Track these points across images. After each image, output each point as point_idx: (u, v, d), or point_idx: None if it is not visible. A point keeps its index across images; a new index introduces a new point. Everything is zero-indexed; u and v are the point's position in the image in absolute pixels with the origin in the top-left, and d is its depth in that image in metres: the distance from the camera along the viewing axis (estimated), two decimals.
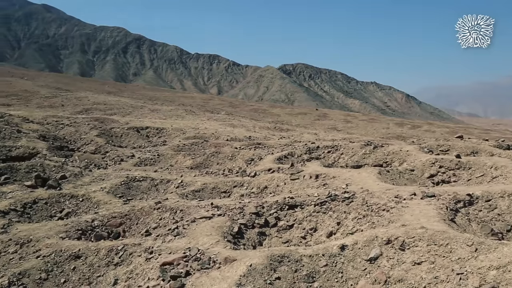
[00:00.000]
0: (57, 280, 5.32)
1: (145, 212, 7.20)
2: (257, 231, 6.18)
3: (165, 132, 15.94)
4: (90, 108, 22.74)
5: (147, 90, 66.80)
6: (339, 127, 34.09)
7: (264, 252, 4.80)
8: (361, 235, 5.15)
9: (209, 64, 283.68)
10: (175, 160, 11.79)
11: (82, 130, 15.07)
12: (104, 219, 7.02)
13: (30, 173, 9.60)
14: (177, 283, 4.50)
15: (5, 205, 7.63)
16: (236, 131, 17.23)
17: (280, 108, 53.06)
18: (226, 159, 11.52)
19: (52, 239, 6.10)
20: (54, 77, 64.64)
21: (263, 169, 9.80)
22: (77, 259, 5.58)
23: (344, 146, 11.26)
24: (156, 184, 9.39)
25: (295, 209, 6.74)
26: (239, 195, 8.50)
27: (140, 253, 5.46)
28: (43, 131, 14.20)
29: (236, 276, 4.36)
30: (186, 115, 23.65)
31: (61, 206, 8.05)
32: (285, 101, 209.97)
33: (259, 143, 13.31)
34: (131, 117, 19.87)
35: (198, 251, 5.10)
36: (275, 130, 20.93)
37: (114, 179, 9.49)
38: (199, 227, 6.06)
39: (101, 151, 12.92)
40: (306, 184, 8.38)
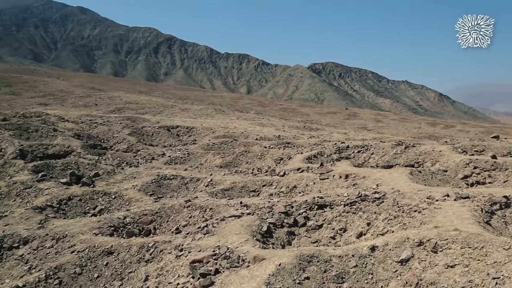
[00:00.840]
0: (90, 275, 5.47)
1: (175, 210, 7.31)
2: (286, 231, 6.17)
3: (195, 131, 16.12)
4: (122, 107, 23.26)
5: (178, 89, 67.72)
6: (370, 127, 33.58)
7: (293, 252, 4.79)
8: (392, 236, 5.06)
9: (238, 64, 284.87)
10: (204, 159, 11.91)
11: (115, 128, 15.43)
12: (135, 216, 7.16)
13: (65, 170, 9.92)
14: (206, 280, 4.54)
15: (42, 201, 7.92)
16: (266, 130, 17.24)
17: (309, 107, 52.73)
18: (255, 158, 11.55)
19: (86, 235, 6.28)
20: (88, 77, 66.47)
21: (292, 169, 9.77)
22: (110, 255, 5.71)
23: (374, 146, 11.09)
24: (186, 183, 9.51)
25: (324, 209, 6.68)
26: (268, 194, 8.51)
27: (170, 251, 5.54)
28: (77, 129, 14.63)
29: (265, 275, 4.36)
30: (216, 114, 23.84)
31: (94, 203, 8.27)
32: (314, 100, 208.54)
33: (288, 142, 13.27)
34: (162, 116, 20.20)
35: (228, 250, 5.14)
36: (305, 129, 20.81)
37: (145, 177, 9.67)
38: (228, 225, 6.10)
39: (133, 149, 13.20)
40: (335, 184, 8.31)
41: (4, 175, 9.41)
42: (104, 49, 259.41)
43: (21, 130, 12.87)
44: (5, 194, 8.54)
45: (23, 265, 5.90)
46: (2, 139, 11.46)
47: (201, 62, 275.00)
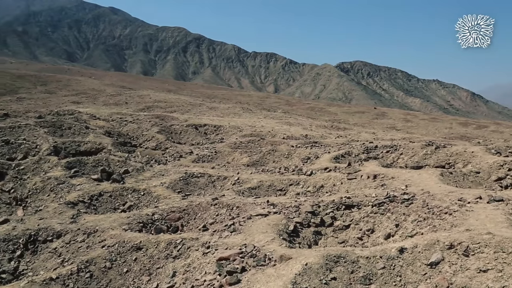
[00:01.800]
0: (120, 269, 5.59)
1: (203, 207, 7.38)
2: (312, 230, 6.14)
3: (223, 129, 16.22)
4: (152, 105, 23.65)
5: (205, 88, 68.33)
6: (399, 127, 32.98)
7: (320, 252, 4.76)
8: (421, 238, 4.96)
9: (266, 63, 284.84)
10: (232, 157, 11.98)
11: (144, 126, 15.71)
12: (163, 213, 7.27)
13: (96, 167, 10.17)
14: (233, 278, 4.58)
15: (74, 197, 8.15)
16: (293, 129, 17.19)
17: (337, 106, 52.24)
18: (282, 157, 11.54)
19: (115, 230, 6.42)
20: (119, 76, 67.88)
21: (319, 168, 9.70)
22: (139, 250, 5.83)
23: (403, 146, 10.90)
24: (213, 181, 9.59)
25: (351, 209, 6.62)
26: (295, 193, 8.49)
27: (197, 248, 5.61)
28: (108, 127, 14.98)
29: (291, 275, 4.36)
30: (243, 113, 23.92)
31: (124, 199, 8.46)
32: (342, 100, 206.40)
33: (316, 141, 13.19)
34: (190, 115, 20.43)
35: (254, 248, 5.15)
36: (332, 128, 20.64)
37: (174, 174, 9.81)
38: (255, 224, 6.12)
39: (161, 147, 13.40)
40: (363, 184, 8.21)
41: (39, 170, 9.74)
42: (134, 49, 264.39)
43: (55, 128, 13.27)
44: (40, 189, 8.84)
45: (56, 258, 6.10)
46: (38, 136, 11.85)
47: (228, 61, 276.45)
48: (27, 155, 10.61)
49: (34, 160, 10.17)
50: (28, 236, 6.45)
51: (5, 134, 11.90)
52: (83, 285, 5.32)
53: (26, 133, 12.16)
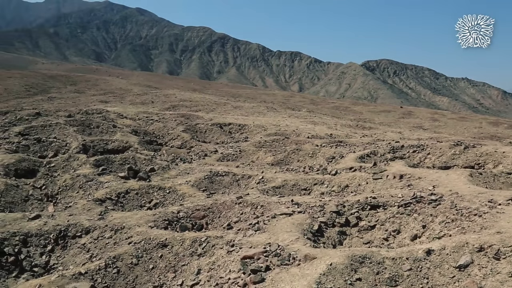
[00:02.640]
0: (146, 266, 5.69)
1: (227, 206, 7.43)
2: (337, 230, 6.10)
3: (247, 128, 16.27)
4: (177, 104, 23.92)
5: (230, 87, 68.66)
6: (426, 126, 32.32)
7: (345, 252, 4.72)
8: (450, 240, 4.85)
9: (290, 61, 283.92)
10: (256, 156, 12.00)
11: (170, 125, 15.91)
12: (188, 211, 7.35)
13: (123, 165, 10.37)
14: (257, 277, 4.59)
15: (102, 194, 8.34)
16: (317, 128, 17.09)
17: (362, 105, 51.62)
18: (307, 156, 11.49)
19: (142, 227, 6.53)
20: (145, 75, 68.96)
21: (344, 168, 9.62)
22: (164, 247, 5.91)
23: (431, 146, 10.68)
24: (237, 179, 9.64)
25: (377, 209, 6.54)
26: (319, 193, 8.44)
27: (222, 246, 5.65)
28: (135, 126, 15.24)
29: (316, 274, 4.34)
30: (268, 112, 23.93)
31: (150, 197, 8.60)
32: (367, 99, 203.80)
33: (341, 141, 13.08)
34: (215, 114, 20.57)
35: (278, 247, 5.16)
36: (357, 128, 20.41)
37: (198, 173, 9.90)
38: (279, 223, 6.12)
39: (187, 146, 13.55)
40: (389, 184, 8.09)
41: (68, 168, 10.00)
42: (160, 48, 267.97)
43: (84, 126, 13.60)
44: (70, 186, 9.08)
45: (85, 253, 6.26)
46: (67, 135, 12.17)
47: (253, 60, 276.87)
48: (58, 153, 10.90)
49: (64, 158, 10.45)
50: (59, 232, 6.63)
51: (37, 132, 12.27)
52: (111, 281, 5.43)
53: (57, 131, 12.50)
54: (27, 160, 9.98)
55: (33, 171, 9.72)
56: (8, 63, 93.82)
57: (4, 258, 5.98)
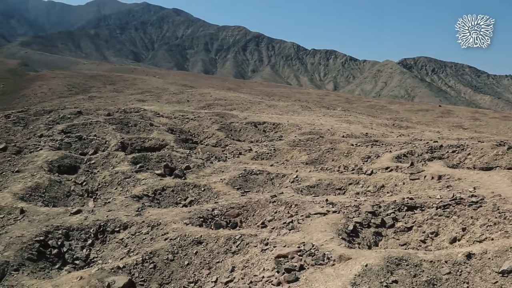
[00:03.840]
0: (181, 262, 5.79)
1: (261, 204, 7.45)
2: (372, 231, 6.01)
3: (281, 127, 16.25)
4: (212, 103, 24.18)
5: (264, 86, 68.77)
6: (466, 125, 31.26)
7: (381, 253, 4.64)
8: (492, 244, 4.68)
9: (325, 60, 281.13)
10: (290, 155, 11.97)
11: (205, 124, 16.11)
12: (223, 209, 7.43)
13: (159, 162, 10.59)
14: (291, 276, 4.58)
15: (139, 191, 8.55)
16: (352, 127, 16.87)
17: (399, 104, 50.52)
18: (342, 155, 11.36)
19: (177, 224, 6.65)
20: (181, 75, 70.10)
21: (380, 167, 9.45)
22: (199, 244, 6.00)
23: (471, 146, 10.32)
24: (272, 178, 9.65)
25: (414, 210, 6.39)
26: (354, 192, 8.34)
27: (256, 244, 5.67)
28: (171, 124, 15.52)
29: (350, 275, 4.29)
30: (302, 110, 23.82)
31: (185, 195, 8.74)
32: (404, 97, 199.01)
33: (376, 140, 12.86)
34: (249, 112, 20.66)
35: (313, 247, 5.13)
36: (394, 127, 20.00)
37: (233, 171, 9.98)
38: (314, 222, 6.09)
39: (221, 144, 13.68)
40: (427, 185, 7.89)
41: (108, 165, 10.31)
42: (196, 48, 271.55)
43: (122, 124, 13.97)
44: (109, 183, 9.36)
45: (123, 248, 6.44)
46: (107, 133, 12.55)
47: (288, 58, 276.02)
48: (97, 150, 11.26)
49: (103, 155, 10.78)
50: (98, 227, 6.86)
51: (78, 130, 12.71)
52: (147, 275, 5.57)
53: (97, 129, 12.91)
54: (69, 157, 10.36)
55: (74, 168, 10.08)
56: (52, 64, 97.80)
57: (48, 251, 6.24)
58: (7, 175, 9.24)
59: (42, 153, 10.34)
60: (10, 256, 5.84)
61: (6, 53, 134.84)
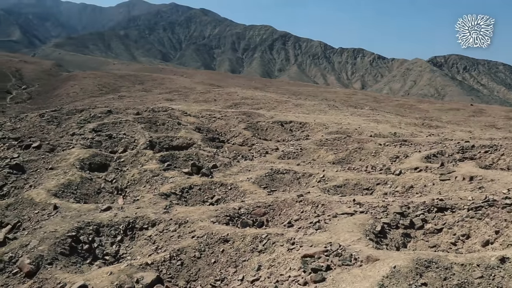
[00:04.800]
0: (208, 259, 5.85)
1: (288, 204, 7.44)
2: (401, 232, 5.91)
3: (308, 126, 16.17)
4: (239, 102, 24.27)
5: (291, 85, 68.55)
6: (499, 125, 30.27)
7: (410, 255, 4.56)
8: None
9: (353, 58, 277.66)
10: (317, 155, 11.90)
11: (232, 123, 16.19)
12: (249, 207, 7.45)
13: (187, 161, 10.72)
14: (318, 276, 4.56)
15: (167, 189, 8.68)
16: (380, 127, 16.62)
17: (428, 103, 49.43)
18: (369, 155, 11.22)
19: (204, 222, 6.72)
20: (208, 74, 70.71)
21: (409, 168, 9.29)
22: (226, 242, 6.05)
23: (505, 146, 10.01)
24: (298, 177, 9.62)
25: (444, 212, 6.24)
26: (382, 193, 8.22)
27: (282, 243, 5.67)
28: (198, 123, 15.68)
29: (378, 277, 4.23)
30: (329, 110, 23.62)
31: (212, 193, 8.82)
32: (434, 96, 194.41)
33: (405, 140, 12.64)
34: (276, 112, 20.64)
35: (339, 247, 5.09)
36: (423, 126, 19.59)
37: (259, 170, 10.00)
38: (341, 222, 6.04)
39: (248, 143, 13.72)
40: (458, 186, 7.70)
41: (136, 163, 10.51)
42: (223, 48, 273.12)
43: (151, 123, 14.21)
44: (137, 181, 9.55)
45: (151, 245, 6.56)
46: (136, 131, 12.79)
47: (314, 57, 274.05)
48: (127, 148, 11.49)
49: (132, 153, 10.99)
50: (127, 223, 7.01)
51: (108, 129, 13.01)
52: (175, 272, 5.65)
53: (126, 128, 13.17)
54: (99, 155, 10.62)
55: (104, 165, 10.33)
56: (83, 64, 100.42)
57: (79, 246, 6.43)
58: (41, 172, 9.56)
59: (74, 151, 10.64)
60: (44, 250, 6.04)
61: (41, 54, 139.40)
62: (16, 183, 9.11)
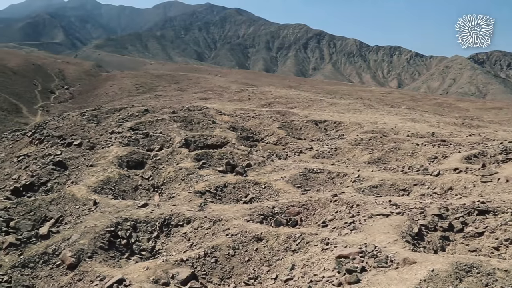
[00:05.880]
0: (242, 257, 5.89)
1: (322, 203, 7.38)
2: (439, 235, 5.74)
3: (343, 125, 15.98)
4: (273, 101, 24.27)
5: (325, 84, 67.90)
6: None
7: (449, 259, 4.43)
8: None
9: (389, 56, 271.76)
10: (352, 154, 11.75)
11: (266, 122, 16.22)
12: (283, 206, 7.44)
13: (221, 159, 10.82)
14: (352, 277, 4.50)
15: (202, 187, 8.79)
16: (418, 126, 16.22)
17: (469, 102, 47.77)
18: (406, 155, 10.96)
19: (238, 220, 6.76)
20: (242, 73, 71.06)
21: (448, 168, 9.01)
22: (259, 241, 6.06)
23: None
24: (332, 177, 9.52)
25: (486, 215, 6.02)
26: (419, 194, 8.01)
27: (316, 243, 5.63)
28: (232, 122, 15.79)
29: (415, 280, 4.13)
30: (364, 109, 23.25)
31: (246, 191, 8.87)
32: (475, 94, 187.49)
33: (444, 140, 12.27)
34: (310, 111, 20.51)
35: (375, 248, 5.00)
36: (463, 126, 18.96)
37: (293, 169, 9.97)
38: (376, 223, 5.94)
39: (282, 142, 13.71)
40: (500, 188, 7.40)
41: (172, 161, 10.70)
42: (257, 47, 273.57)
43: (186, 122, 14.43)
44: (173, 178, 9.72)
45: (186, 242, 6.67)
46: (172, 130, 13.02)
47: (349, 56, 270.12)
48: (163, 146, 11.72)
49: (168, 151, 11.20)
50: (163, 220, 7.15)
51: (145, 127, 13.32)
52: (209, 269, 5.72)
53: (162, 126, 13.44)
54: (137, 153, 10.89)
55: (141, 163, 10.58)
56: (122, 65, 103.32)
57: (118, 241, 6.62)
58: (82, 169, 9.90)
59: (112, 149, 10.95)
60: (85, 244, 6.26)
61: (82, 55, 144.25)
62: (59, 179, 9.48)
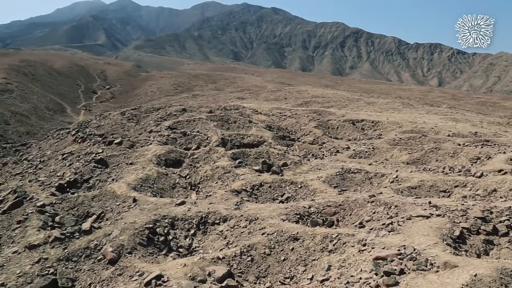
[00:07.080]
0: (278, 257, 5.90)
1: (359, 204, 7.29)
2: (482, 238, 5.55)
3: (381, 125, 15.69)
4: (309, 101, 24.12)
5: (363, 83, 66.77)
6: None
7: (493, 263, 4.27)
8: None
9: (429, 54, 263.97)
10: (390, 154, 11.51)
11: (302, 121, 16.14)
12: (319, 206, 7.40)
13: (257, 159, 10.87)
14: (390, 279, 4.42)
15: (238, 185, 8.87)
16: (459, 126, 15.68)
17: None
18: (447, 156, 10.63)
19: (274, 219, 6.78)
20: (279, 72, 70.96)
21: (491, 170, 8.67)
22: (295, 241, 6.06)
23: None
24: (370, 177, 9.37)
25: None
26: (461, 196, 7.76)
27: (353, 244, 5.57)
28: (268, 121, 15.82)
29: (457, 284, 4.01)
30: (403, 108, 22.71)
31: (282, 191, 8.87)
32: None
33: (488, 140, 11.81)
34: (347, 110, 20.24)
35: (414, 251, 4.89)
36: (508, 126, 18.17)
37: (330, 169, 9.88)
38: (415, 225, 5.80)
39: (318, 141, 13.61)
40: None
41: (209, 160, 10.85)
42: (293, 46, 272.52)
43: (223, 121, 14.59)
44: (210, 177, 9.86)
45: (222, 240, 6.75)
46: (208, 129, 13.20)
47: (388, 54, 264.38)
48: (200, 145, 11.91)
49: (205, 150, 11.37)
50: (200, 218, 7.27)
51: (183, 126, 13.57)
52: (245, 268, 5.77)
53: (199, 126, 13.65)
54: (174, 152, 11.12)
55: (179, 162, 10.79)
56: (160, 65, 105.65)
57: (156, 237, 6.79)
58: (122, 167, 10.21)
59: (151, 147, 11.23)
60: (125, 240, 6.46)
61: (122, 56, 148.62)
62: (100, 176, 9.82)
